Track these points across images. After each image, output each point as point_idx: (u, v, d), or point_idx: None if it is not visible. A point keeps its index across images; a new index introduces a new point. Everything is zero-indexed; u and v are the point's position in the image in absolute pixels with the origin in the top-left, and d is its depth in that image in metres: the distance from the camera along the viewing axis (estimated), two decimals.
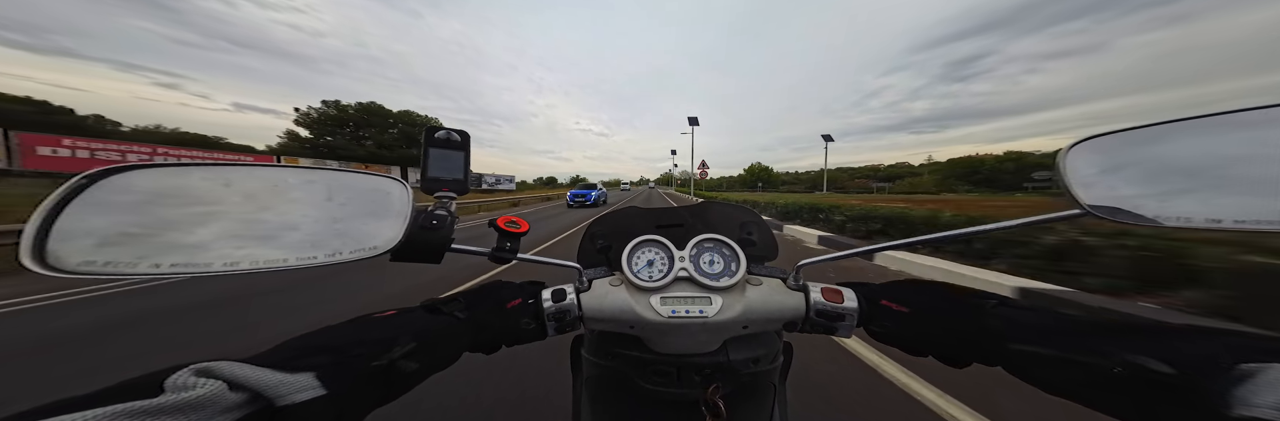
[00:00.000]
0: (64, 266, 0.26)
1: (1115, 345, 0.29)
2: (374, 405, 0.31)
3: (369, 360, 0.31)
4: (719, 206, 0.62)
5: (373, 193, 0.40)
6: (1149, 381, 0.26)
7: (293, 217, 0.35)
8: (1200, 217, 0.30)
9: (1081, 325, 0.32)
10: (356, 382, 0.29)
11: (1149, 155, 0.34)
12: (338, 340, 0.32)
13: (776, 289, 0.47)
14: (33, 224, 0.26)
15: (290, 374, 0.26)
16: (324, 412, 0.26)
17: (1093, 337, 0.30)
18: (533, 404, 1.82)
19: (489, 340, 0.43)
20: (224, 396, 0.22)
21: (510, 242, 0.47)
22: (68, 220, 0.27)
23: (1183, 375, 0.25)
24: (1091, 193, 0.34)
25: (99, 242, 0.28)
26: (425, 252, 0.43)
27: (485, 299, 0.45)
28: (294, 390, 0.25)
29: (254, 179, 0.35)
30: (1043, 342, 0.32)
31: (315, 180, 0.38)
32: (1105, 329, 0.30)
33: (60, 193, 0.27)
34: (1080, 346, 0.30)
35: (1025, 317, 0.35)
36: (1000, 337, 0.34)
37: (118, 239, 0.28)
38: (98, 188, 0.28)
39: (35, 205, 0.26)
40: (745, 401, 0.50)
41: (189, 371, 0.23)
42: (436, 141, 0.47)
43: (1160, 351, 0.26)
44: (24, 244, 0.26)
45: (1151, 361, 0.26)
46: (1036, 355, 0.31)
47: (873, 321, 0.44)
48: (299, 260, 0.34)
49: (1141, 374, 0.26)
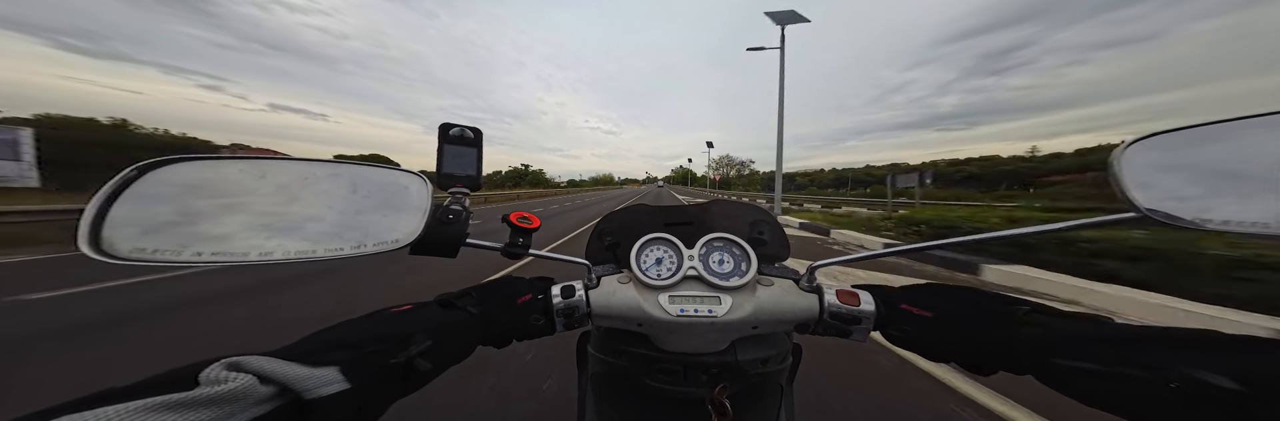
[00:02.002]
0: (117, 253, 0.28)
1: (1172, 357, 0.26)
2: (394, 397, 0.32)
3: (388, 355, 0.32)
4: (729, 205, 0.61)
5: (393, 186, 0.42)
6: (1210, 398, 0.24)
7: (320, 210, 0.37)
8: (1277, 221, 0.27)
9: (1131, 335, 0.29)
10: (377, 376, 0.30)
11: (1215, 154, 0.31)
12: (358, 335, 0.33)
13: (788, 290, 0.47)
14: (89, 212, 0.28)
15: (315, 368, 0.27)
16: (348, 405, 0.27)
17: (1146, 349, 0.28)
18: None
19: (499, 334, 0.44)
20: (255, 389, 0.23)
21: (522, 238, 0.47)
22: (120, 209, 0.29)
23: (1252, 392, 0.22)
24: (1149, 194, 0.32)
25: (147, 231, 0.29)
26: (442, 246, 0.44)
27: (496, 294, 0.46)
28: (320, 384, 0.26)
29: (285, 172, 0.36)
30: (1086, 354, 0.30)
31: (340, 174, 0.39)
32: (1159, 340, 0.28)
33: (113, 183, 0.29)
34: (1131, 358, 0.27)
35: (1066, 326, 0.33)
36: (1036, 346, 0.32)
37: (164, 227, 0.30)
38: (146, 179, 0.30)
39: (90, 195, 0.28)
40: (752, 402, 0.50)
41: (221, 365, 0.24)
42: (450, 138, 0.48)
43: (1224, 365, 0.24)
44: (81, 231, 0.27)
45: (1214, 376, 0.24)
46: (1078, 366, 0.29)
47: (891, 325, 0.42)
48: (326, 251, 0.36)
49: (1202, 390, 0.24)
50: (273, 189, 0.35)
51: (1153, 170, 0.32)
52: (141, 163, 0.30)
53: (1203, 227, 0.30)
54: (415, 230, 0.40)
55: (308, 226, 0.35)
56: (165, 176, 0.31)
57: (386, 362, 0.31)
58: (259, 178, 0.35)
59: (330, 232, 0.36)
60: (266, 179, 0.35)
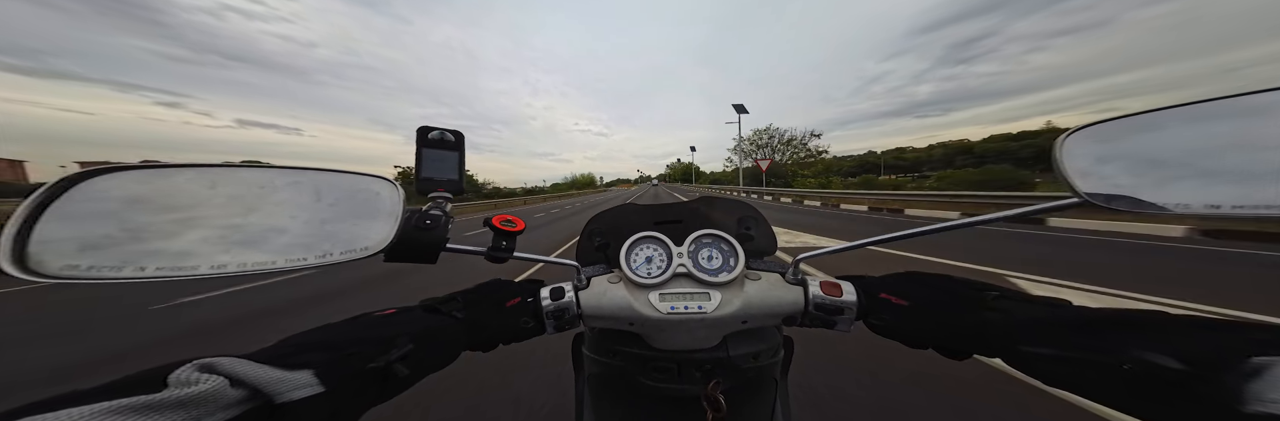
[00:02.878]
0: (46, 271, 0.26)
1: (1122, 340, 0.28)
2: (370, 403, 0.31)
3: (366, 359, 0.31)
4: (717, 202, 0.62)
5: (362, 193, 0.40)
6: (1159, 378, 0.25)
7: (281, 219, 0.35)
8: (1199, 204, 0.30)
9: (1086, 319, 0.31)
10: (353, 381, 0.29)
11: (1147, 142, 0.33)
12: (337, 338, 0.32)
13: (775, 283, 0.47)
14: (11, 228, 0.25)
15: (289, 371, 0.26)
16: (321, 410, 0.26)
17: (1099, 332, 0.29)
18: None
19: (487, 339, 0.43)
20: (225, 392, 0.23)
21: (506, 241, 0.46)
22: (47, 224, 0.26)
23: (1194, 371, 0.24)
24: (1088, 180, 0.34)
25: (80, 247, 0.27)
26: (419, 253, 0.42)
27: (484, 298, 0.45)
28: (292, 387, 0.25)
29: (239, 180, 0.34)
30: (1046, 337, 0.31)
31: (302, 181, 0.37)
32: (1110, 323, 0.30)
33: (37, 197, 0.26)
34: (1087, 343, 0.29)
35: (1027, 311, 0.34)
36: (1001, 331, 0.34)
37: (100, 243, 0.27)
38: (77, 191, 0.28)
39: (12, 209, 0.26)
40: (746, 396, 0.50)
41: (192, 367, 0.23)
42: (429, 142, 0.46)
43: (1169, 346, 0.26)
44: (2, 248, 0.25)
45: (1161, 357, 0.25)
46: (1040, 351, 0.31)
47: (872, 315, 0.44)
48: (288, 262, 0.34)
49: (1151, 370, 0.25)
50: (225, 199, 0.33)
51: (1090, 158, 0.35)
52: (72, 173, 0.28)
53: (1136, 210, 0.32)
54: (387, 237, 0.39)
55: (265, 236, 0.33)
56: (100, 187, 0.28)
57: (364, 367, 0.30)
58: (209, 187, 0.32)
59: (292, 243, 0.34)
60: (217, 189, 0.33)
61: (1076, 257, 4.68)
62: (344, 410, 0.29)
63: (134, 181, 0.30)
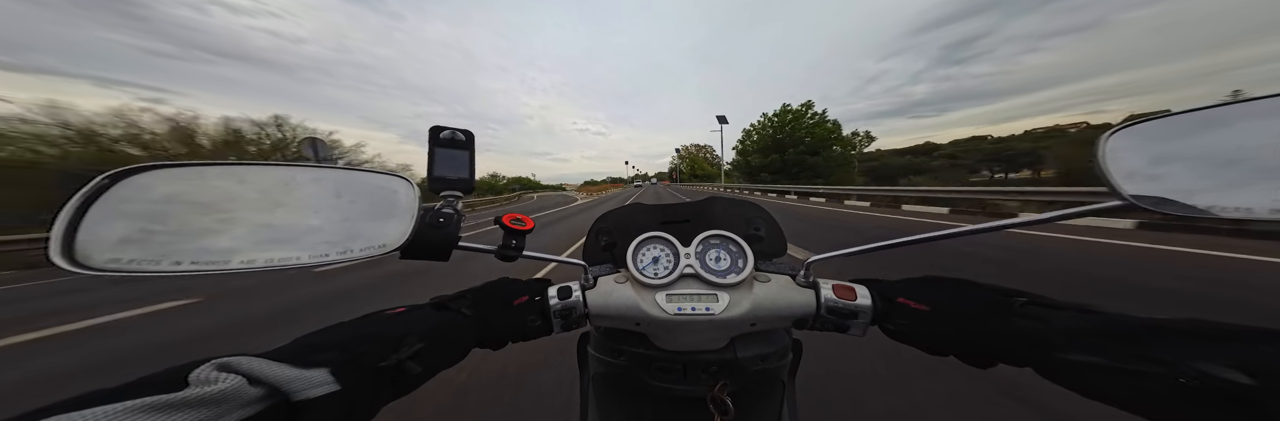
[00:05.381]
0: (92, 264, 0.27)
1: (1176, 350, 0.25)
2: (384, 401, 0.32)
3: (379, 357, 0.31)
4: (725, 202, 0.61)
5: (380, 190, 0.41)
6: (1220, 392, 0.23)
7: (304, 215, 0.36)
8: (1263, 208, 0.28)
9: (1132, 327, 0.28)
10: (368, 379, 0.30)
11: (1201, 141, 0.31)
12: (350, 337, 0.33)
13: (785, 286, 0.46)
14: (61, 223, 0.27)
15: (306, 369, 0.26)
16: (337, 407, 0.27)
17: (1148, 341, 0.27)
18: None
19: (495, 337, 0.43)
20: (244, 391, 0.23)
21: (516, 240, 0.47)
22: (93, 219, 0.28)
23: (1262, 386, 0.22)
24: (1135, 182, 0.32)
25: (123, 240, 0.28)
26: (433, 250, 0.43)
27: (492, 296, 0.45)
28: (309, 385, 0.26)
29: (266, 177, 0.35)
30: (1088, 346, 0.29)
31: (323, 178, 0.38)
32: (1159, 330, 0.27)
33: (84, 192, 0.28)
34: (1136, 352, 0.27)
35: (1063, 318, 0.32)
36: (1035, 339, 0.32)
37: (140, 237, 0.29)
38: (121, 187, 0.29)
39: (61, 204, 0.27)
40: (753, 399, 0.49)
41: (211, 366, 0.24)
42: (441, 141, 0.47)
43: (1234, 358, 0.23)
44: (52, 242, 0.27)
45: (1228, 371, 0.23)
46: (1084, 360, 0.28)
47: (888, 319, 0.42)
48: (312, 258, 0.35)
49: (1212, 384, 0.23)
50: (253, 195, 0.34)
51: (1136, 158, 0.32)
52: (114, 170, 0.30)
53: (1187, 214, 0.30)
54: (403, 234, 0.40)
55: (291, 233, 0.35)
56: (139, 184, 0.30)
57: (377, 365, 0.31)
58: (238, 183, 0.34)
59: (315, 239, 0.35)
60: (246, 185, 0.34)
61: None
62: (359, 407, 0.29)
63: (170, 178, 0.31)
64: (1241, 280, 3.25)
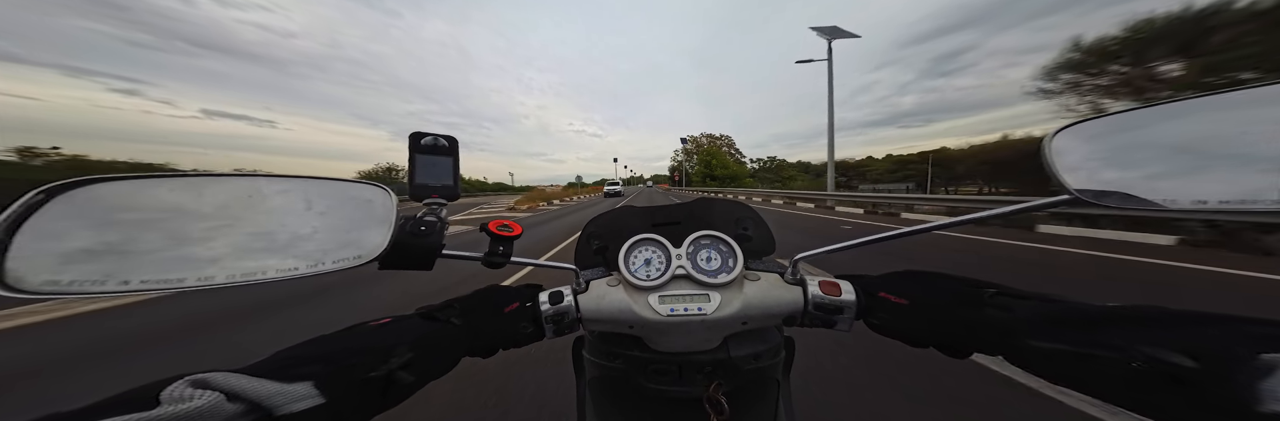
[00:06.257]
0: (25, 286, 0.25)
1: (1128, 336, 0.27)
2: (373, 412, 0.31)
3: (366, 369, 0.30)
4: (715, 203, 0.62)
5: (354, 200, 0.39)
6: (1168, 375, 0.24)
7: (270, 228, 0.34)
8: (1186, 199, 0.30)
9: (1089, 314, 0.30)
10: (354, 391, 0.29)
11: (1134, 139, 0.34)
12: (333, 349, 0.32)
13: (774, 283, 0.47)
14: None
15: (287, 383, 0.25)
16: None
17: (1104, 328, 0.28)
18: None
19: (486, 345, 0.42)
20: (222, 407, 0.22)
21: (503, 246, 0.46)
22: (25, 238, 0.25)
23: (1204, 368, 0.23)
24: (1078, 177, 0.34)
25: (62, 261, 0.26)
26: (414, 260, 0.42)
27: (481, 304, 0.44)
28: (292, 400, 0.25)
29: (227, 189, 0.33)
30: (1051, 334, 0.30)
31: (291, 189, 0.36)
32: (1115, 318, 0.29)
33: (15, 209, 0.25)
34: (1093, 339, 0.28)
35: (1026, 307, 0.34)
36: (1003, 328, 0.33)
37: (82, 256, 0.26)
38: (57, 202, 0.27)
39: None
40: (749, 398, 0.50)
41: (185, 383, 0.22)
42: (422, 147, 0.46)
43: (1177, 342, 0.25)
44: None
45: (1172, 355, 0.24)
46: (1048, 347, 0.30)
47: (871, 314, 0.44)
48: (279, 272, 0.33)
49: (1160, 368, 0.24)
50: (211, 209, 0.32)
51: (1079, 155, 0.35)
52: (50, 185, 0.27)
53: (1126, 206, 0.32)
54: (381, 244, 0.38)
55: (255, 247, 0.32)
56: (80, 199, 0.27)
57: (365, 376, 0.30)
58: (195, 197, 0.31)
59: (283, 252, 0.34)
60: (204, 198, 0.32)
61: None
62: (347, 420, 0.28)
63: (115, 192, 0.29)
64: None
